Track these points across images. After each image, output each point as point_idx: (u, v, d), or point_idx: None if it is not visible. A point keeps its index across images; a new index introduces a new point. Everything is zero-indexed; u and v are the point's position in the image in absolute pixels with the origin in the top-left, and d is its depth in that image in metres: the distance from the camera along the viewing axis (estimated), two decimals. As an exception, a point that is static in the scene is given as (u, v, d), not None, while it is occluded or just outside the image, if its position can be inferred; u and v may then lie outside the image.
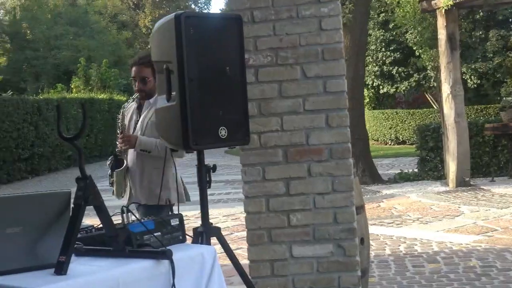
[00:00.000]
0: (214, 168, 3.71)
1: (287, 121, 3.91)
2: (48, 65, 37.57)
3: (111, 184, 4.82)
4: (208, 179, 3.69)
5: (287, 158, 3.92)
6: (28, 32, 38.93)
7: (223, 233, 3.64)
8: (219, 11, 51.67)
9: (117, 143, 4.78)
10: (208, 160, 3.71)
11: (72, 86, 31.98)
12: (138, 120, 4.80)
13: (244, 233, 4.22)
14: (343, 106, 3.87)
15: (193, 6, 60.91)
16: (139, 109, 4.84)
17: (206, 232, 3.65)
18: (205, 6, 63.32)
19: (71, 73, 34.95)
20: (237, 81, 3.60)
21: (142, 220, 2.99)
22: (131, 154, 4.76)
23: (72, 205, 2.67)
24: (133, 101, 4.92)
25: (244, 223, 4.13)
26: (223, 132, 3.52)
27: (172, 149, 3.96)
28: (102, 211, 2.77)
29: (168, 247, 2.81)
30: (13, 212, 2.55)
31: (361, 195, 4.80)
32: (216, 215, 10.57)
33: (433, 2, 11.91)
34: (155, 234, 2.97)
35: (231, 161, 23.05)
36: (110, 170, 4.83)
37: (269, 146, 3.93)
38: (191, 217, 10.36)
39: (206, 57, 3.49)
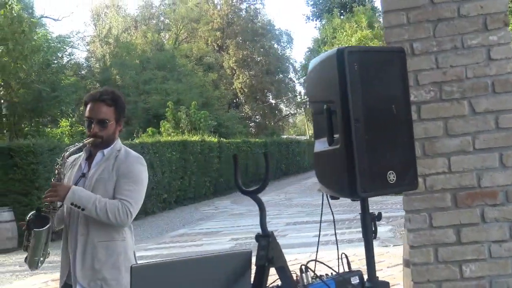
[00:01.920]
0: (379, 216, 3.35)
1: (455, 161, 3.52)
2: (139, 110, 38.26)
3: (25, 248, 3.68)
4: (374, 229, 3.34)
5: (456, 203, 3.53)
6: (118, 78, 39.86)
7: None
8: (305, 51, 51.54)
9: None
10: (303, 201, 3.34)
11: (162, 130, 32.38)
12: (84, 174, 3.77)
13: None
14: (519, 142, 3.47)
15: (276, 45, 61.31)
16: (89, 160, 3.83)
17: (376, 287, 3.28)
18: (288, 45, 63.67)
19: (160, 117, 35.44)
20: (402, 119, 3.25)
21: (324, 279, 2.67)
22: (75, 215, 3.72)
23: (254, 266, 2.38)
24: (80, 148, 3.82)
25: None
26: (391, 177, 3.17)
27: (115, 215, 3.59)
28: (285, 273, 2.46)
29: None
30: (190, 276, 2.27)
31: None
32: (330, 258, 10.12)
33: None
34: (337, 295, 2.65)
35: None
36: (26, 230, 3.67)
37: (435, 190, 3.55)
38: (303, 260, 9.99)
39: (370, 95, 3.16)
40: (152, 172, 21.80)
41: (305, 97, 49.30)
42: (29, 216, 3.67)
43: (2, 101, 23.42)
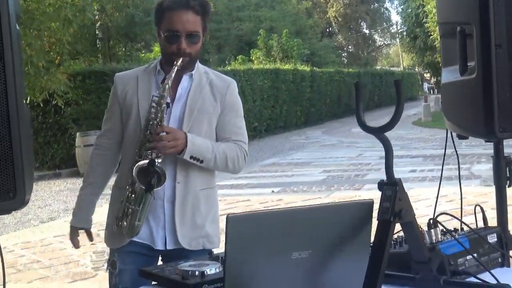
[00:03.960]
0: (516, 160, 2.82)
1: None
2: (231, 37, 37.95)
3: (125, 214, 2.78)
4: (509, 175, 2.83)
5: None
6: (212, 4, 39.45)
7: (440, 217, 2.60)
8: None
9: (147, 144, 2.75)
10: (394, 134, 2.81)
11: (253, 58, 32.02)
12: (169, 104, 2.83)
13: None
14: None
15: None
16: (175, 82, 2.84)
17: (508, 243, 2.78)
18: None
19: (252, 45, 35.06)
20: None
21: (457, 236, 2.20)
22: (168, 157, 2.83)
23: (376, 219, 1.94)
24: (155, 70, 2.93)
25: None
26: (536, 114, 2.63)
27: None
28: (413, 230, 2.01)
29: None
30: (302, 230, 1.86)
31: None
32: (428, 196, 9.60)
33: None
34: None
35: (422, 134, 21.87)
36: (145, 188, 2.69)
37: None
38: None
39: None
40: (243, 99, 21.48)
41: (401, 27, 47.66)
42: (135, 170, 2.70)
43: (97, 25, 23.46)
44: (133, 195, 2.74)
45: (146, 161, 2.68)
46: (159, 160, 2.70)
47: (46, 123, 16.88)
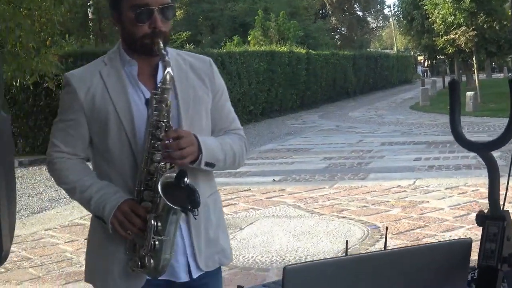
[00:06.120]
0: None
1: None
2: (224, 18, 37.36)
3: (152, 249, 2.15)
4: None
5: None
6: (205, -16, 38.80)
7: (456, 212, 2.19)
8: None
9: (155, 154, 2.17)
10: (394, 118, 2.32)
11: (249, 39, 31.50)
12: (148, 101, 2.24)
13: None
14: None
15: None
16: (148, 74, 2.30)
17: None
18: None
19: (247, 26, 34.52)
20: None
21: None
22: None
23: (477, 266, 1.47)
24: (121, 61, 2.31)
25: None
26: None
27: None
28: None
29: None
30: (373, 279, 1.40)
31: None
32: (437, 187, 9.16)
33: None
34: None
35: (422, 119, 21.42)
36: (183, 209, 2.11)
37: None
38: (406, 188, 9.10)
39: None
40: (239, 82, 21.05)
41: (397, 9, 47.20)
42: (161, 186, 2.11)
43: (88, 4, 22.88)
44: (159, 223, 2.14)
45: (170, 174, 2.14)
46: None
47: (36, 106, 16.34)
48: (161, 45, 2.17)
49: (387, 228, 1.84)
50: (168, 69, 2.15)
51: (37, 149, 16.05)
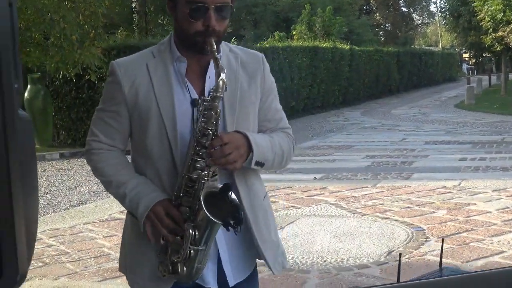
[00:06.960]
0: None
1: None
2: (268, 12, 37.19)
3: (187, 258, 2.08)
4: None
5: None
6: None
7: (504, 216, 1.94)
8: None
9: (199, 161, 2.06)
10: (437, 117, 2.10)
11: (293, 33, 31.32)
12: (195, 101, 2.13)
13: None
14: None
15: None
16: (197, 72, 2.20)
17: None
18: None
19: (290, 21, 34.33)
20: None
21: None
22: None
23: None
24: (172, 55, 2.20)
25: None
26: None
27: None
28: None
29: None
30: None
31: None
32: (483, 188, 8.87)
33: None
34: None
35: (467, 118, 20.97)
36: (225, 224, 2.02)
37: None
38: (452, 189, 8.82)
39: None
40: (281, 77, 20.86)
41: (444, 5, 46.36)
42: (203, 197, 2.02)
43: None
44: (197, 233, 2.05)
45: (213, 184, 2.06)
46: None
47: (79, 99, 16.38)
48: (214, 46, 2.06)
49: (443, 240, 1.66)
50: (222, 76, 2.04)
51: (79, 142, 16.11)
